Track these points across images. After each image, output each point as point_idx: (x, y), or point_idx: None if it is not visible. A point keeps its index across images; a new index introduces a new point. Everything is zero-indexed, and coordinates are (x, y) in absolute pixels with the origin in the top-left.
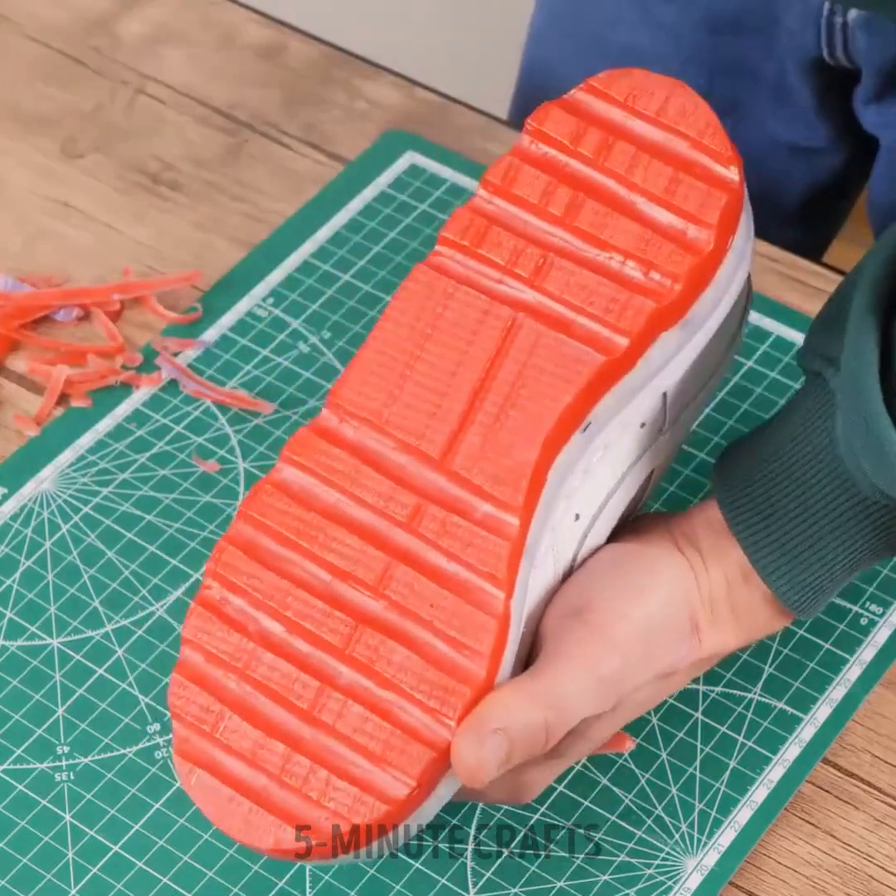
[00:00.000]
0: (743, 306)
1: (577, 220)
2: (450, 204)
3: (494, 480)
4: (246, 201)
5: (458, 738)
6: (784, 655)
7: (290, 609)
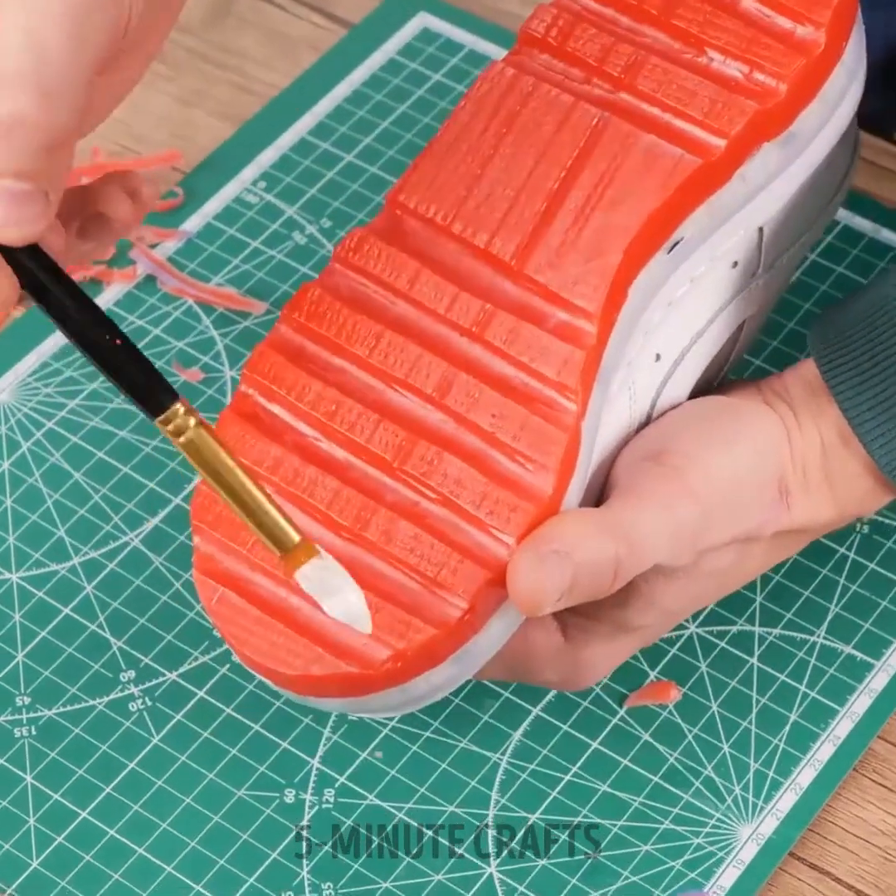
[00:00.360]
0: (852, 143)
1: (674, 16)
2: (468, 73)
3: (571, 285)
4: (233, 70)
5: (517, 556)
6: (852, 592)
7: (336, 419)
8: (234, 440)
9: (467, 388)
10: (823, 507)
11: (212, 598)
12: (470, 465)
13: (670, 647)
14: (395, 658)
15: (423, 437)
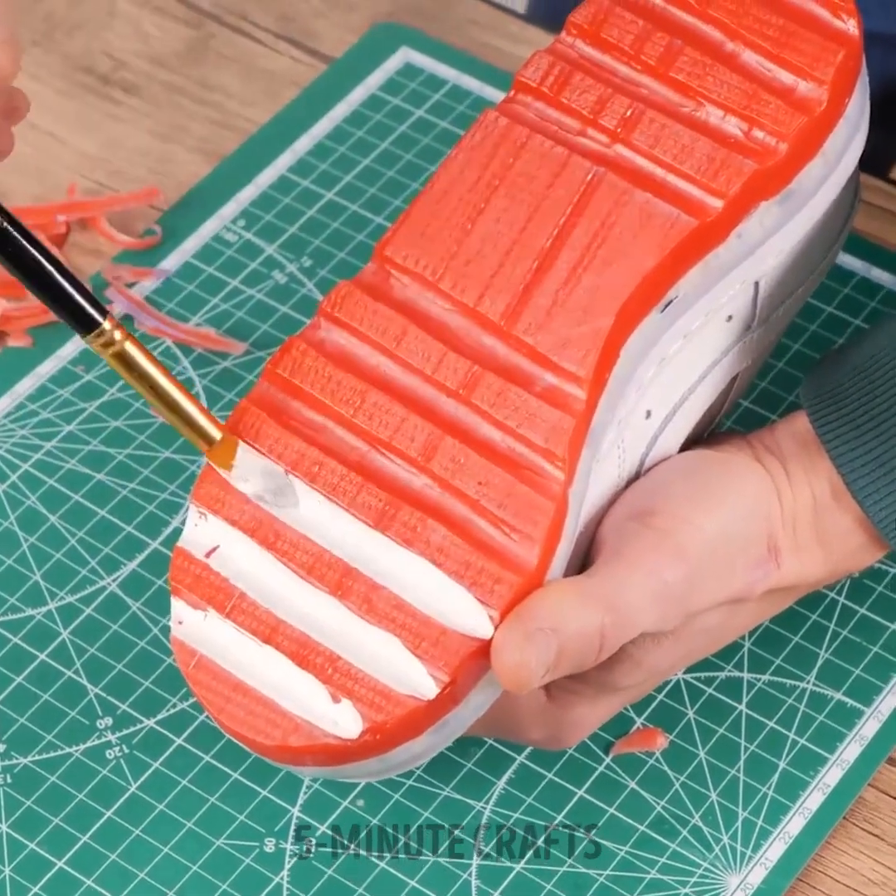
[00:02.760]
0: (853, 191)
1: (673, 69)
2: (451, 109)
3: (560, 348)
4: (212, 106)
5: (502, 633)
6: (843, 638)
7: (318, 480)
8: (212, 498)
9: (453, 453)
10: (814, 564)
11: (189, 662)
12: (454, 532)
13: (657, 694)
14: (374, 730)
15: (406, 501)
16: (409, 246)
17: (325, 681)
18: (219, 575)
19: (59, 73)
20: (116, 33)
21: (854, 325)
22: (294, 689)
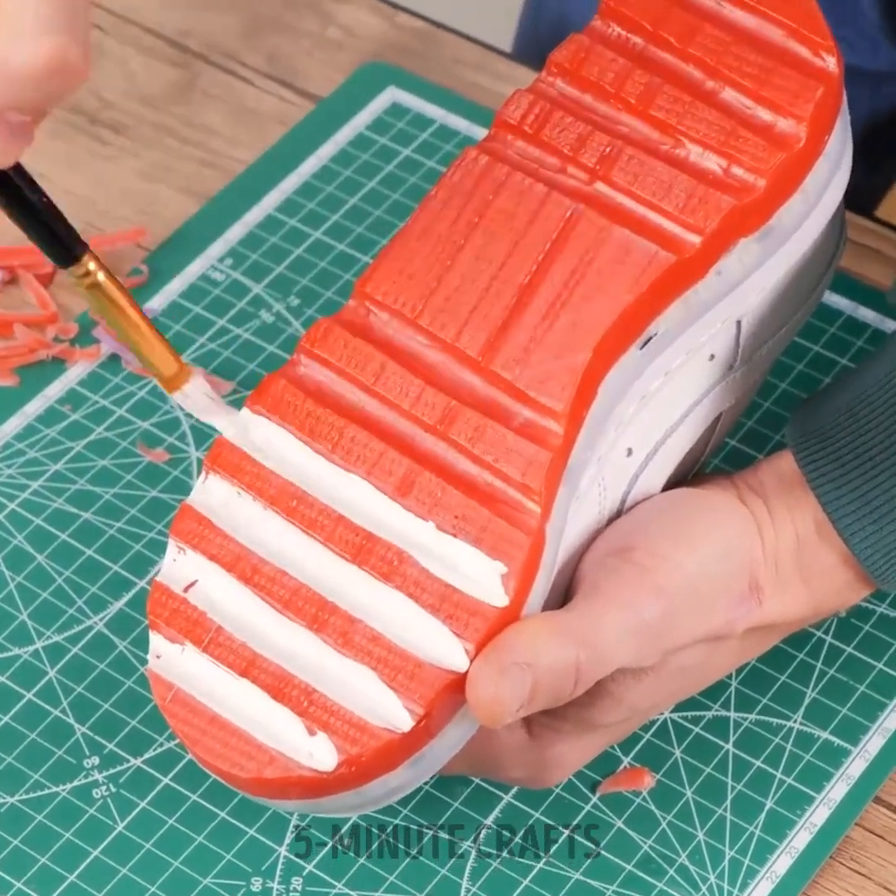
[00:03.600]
0: (838, 230)
1: (653, 107)
2: (438, 148)
3: (538, 383)
4: (199, 146)
5: (476, 666)
6: (829, 677)
7: (297, 514)
8: (191, 533)
9: (430, 487)
10: (797, 602)
11: (166, 696)
12: (430, 568)
13: (644, 733)
14: (349, 763)
15: (383, 535)
16: (388, 283)
17: (300, 713)
18: (196, 609)
19: None
20: (104, 73)
21: (840, 365)
22: (270, 721)
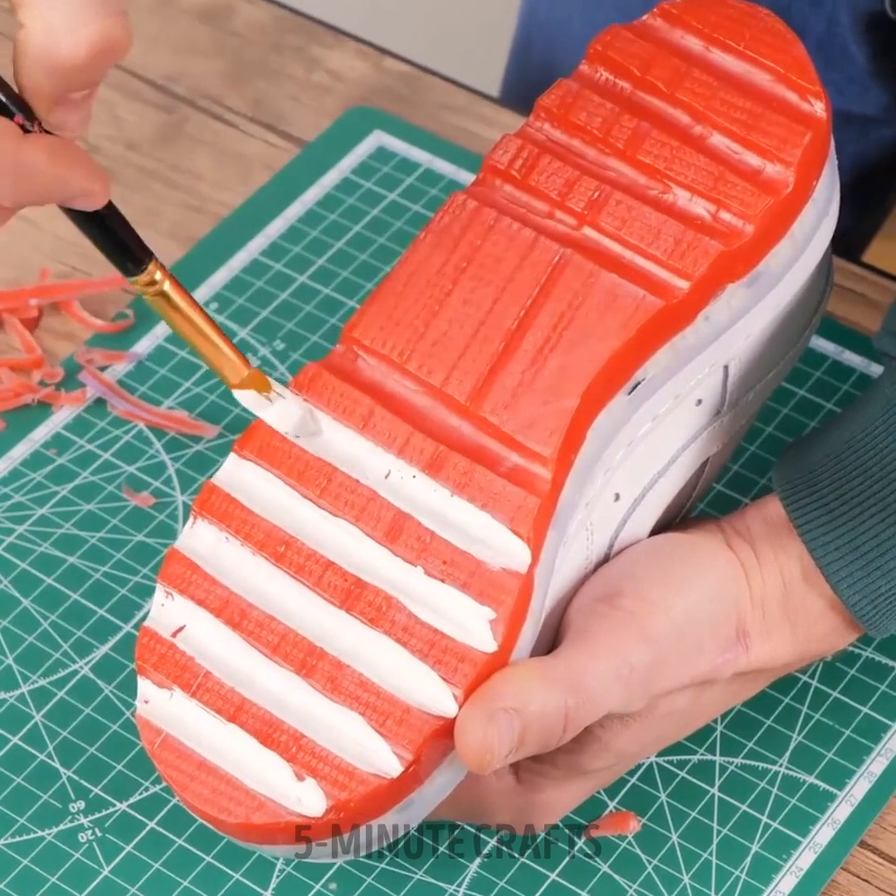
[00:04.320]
0: (825, 276)
1: (641, 151)
2: (424, 192)
3: (526, 429)
4: (185, 190)
5: (465, 712)
6: (815, 721)
7: (284, 560)
8: (179, 578)
9: (418, 533)
10: (784, 647)
11: (154, 741)
12: (419, 613)
13: (630, 777)
14: (337, 808)
15: (371, 580)
16: (376, 328)
17: (289, 759)
18: (185, 654)
19: None
20: None
21: (827, 409)
22: (258, 767)
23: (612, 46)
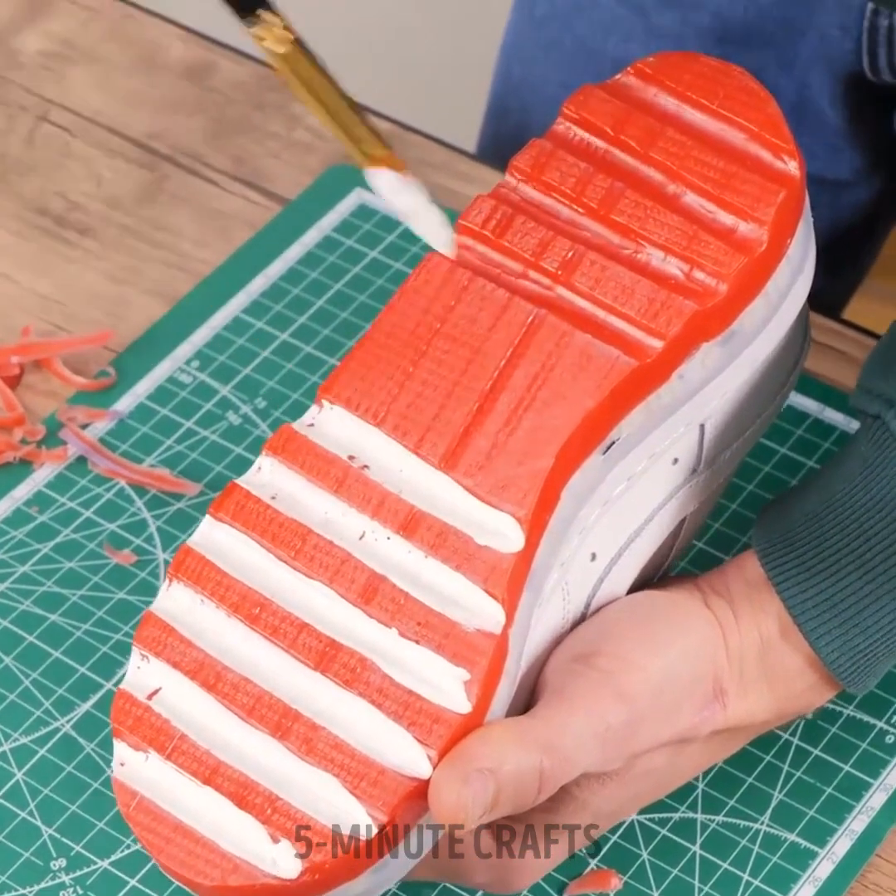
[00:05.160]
0: (802, 333)
1: (614, 211)
2: (405, 250)
3: (500, 490)
4: (166, 248)
5: (439, 773)
6: (796, 779)
7: (259, 622)
8: (154, 640)
9: (393, 594)
10: (761, 705)
11: (130, 803)
12: (393, 675)
13: (611, 835)
14: (312, 870)
15: (346, 642)
16: (350, 389)
17: (264, 821)
18: (160, 717)
19: (14, 214)
20: (71, 175)
21: (808, 467)
22: (233, 829)
23: (586, 105)
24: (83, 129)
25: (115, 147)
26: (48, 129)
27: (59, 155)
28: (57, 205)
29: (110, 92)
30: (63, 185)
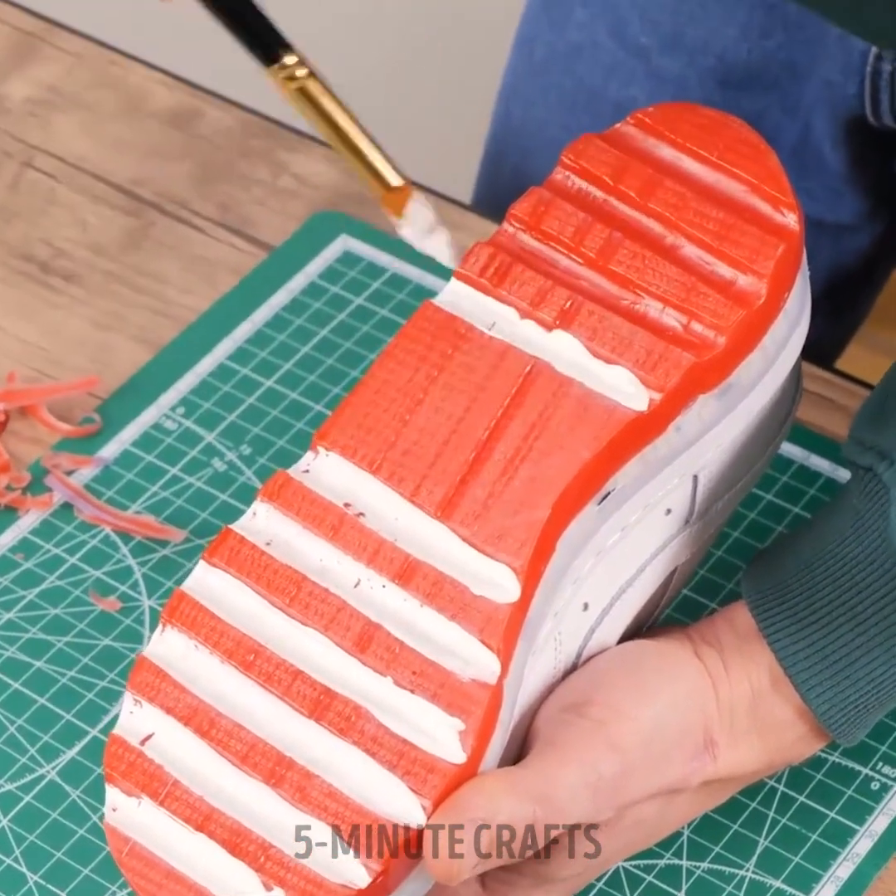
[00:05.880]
0: (793, 390)
1: (613, 261)
2: (391, 296)
3: (496, 539)
4: (152, 294)
5: (433, 823)
6: (782, 826)
7: (253, 668)
8: (148, 686)
9: (388, 643)
10: (751, 756)
11: (122, 849)
12: (388, 724)
13: (597, 882)
14: None
15: (340, 690)
16: (346, 436)
17: (257, 869)
18: (153, 762)
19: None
20: (56, 221)
21: (794, 513)
22: (226, 876)
23: (585, 155)
24: (68, 175)
25: (101, 193)
26: (33, 175)
27: (45, 201)
28: (42, 251)
29: (96, 138)
30: (48, 231)
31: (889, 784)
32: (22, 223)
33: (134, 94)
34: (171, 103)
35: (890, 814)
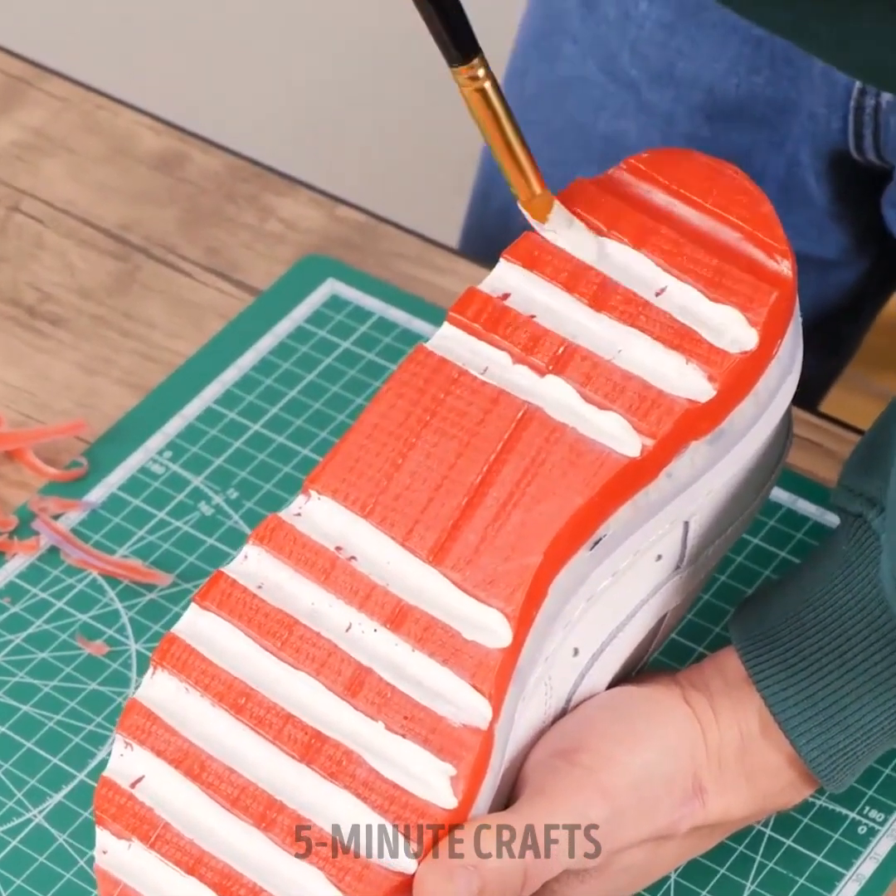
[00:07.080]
0: (784, 437)
1: (606, 307)
2: (377, 341)
3: (488, 585)
4: (139, 338)
5: (425, 870)
6: (769, 870)
7: (245, 712)
8: (138, 728)
9: (379, 687)
10: (740, 802)
11: (112, 892)
12: (379, 768)
13: None
14: None
15: (332, 734)
16: (338, 480)
17: None
18: (143, 805)
19: None
20: (43, 265)
21: (781, 558)
22: None
23: (578, 200)
24: (55, 219)
25: (88, 237)
26: (20, 219)
27: (32, 245)
28: (29, 295)
29: (83, 182)
30: (35, 275)
31: (876, 828)
32: (9, 267)
33: (121, 138)
34: (159, 147)
35: (877, 858)
